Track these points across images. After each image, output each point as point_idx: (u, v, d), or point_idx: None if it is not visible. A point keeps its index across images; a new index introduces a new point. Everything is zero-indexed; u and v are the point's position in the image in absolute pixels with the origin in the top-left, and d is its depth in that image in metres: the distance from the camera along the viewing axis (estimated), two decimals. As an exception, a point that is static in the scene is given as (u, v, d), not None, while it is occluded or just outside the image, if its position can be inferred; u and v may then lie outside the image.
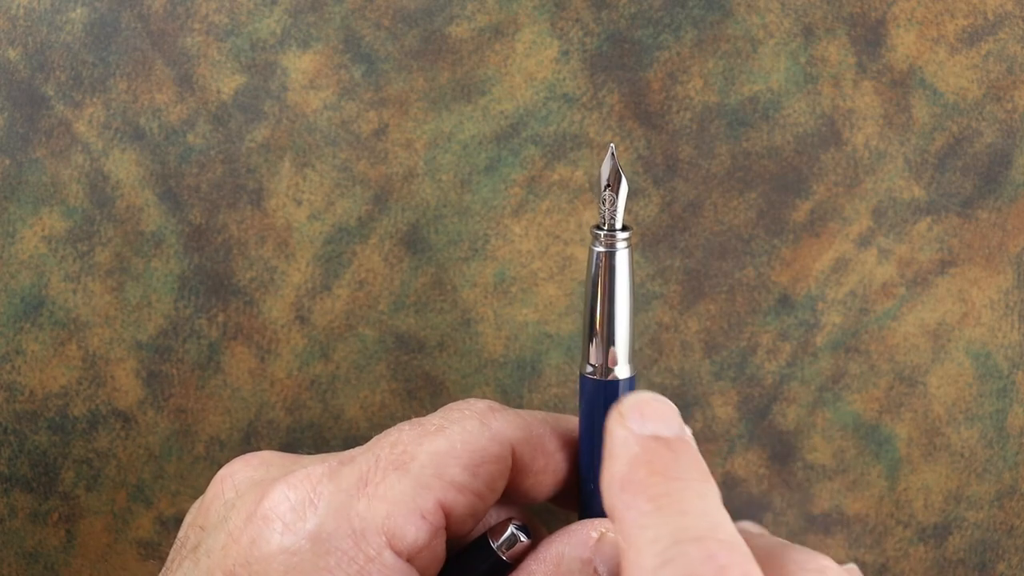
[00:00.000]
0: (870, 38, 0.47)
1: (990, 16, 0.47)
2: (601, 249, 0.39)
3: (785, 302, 0.47)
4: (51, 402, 0.47)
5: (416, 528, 0.37)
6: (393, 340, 0.47)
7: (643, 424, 0.36)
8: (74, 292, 0.47)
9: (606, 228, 0.39)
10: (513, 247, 0.47)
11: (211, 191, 0.47)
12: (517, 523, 0.40)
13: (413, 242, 0.47)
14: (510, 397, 0.47)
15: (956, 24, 0.47)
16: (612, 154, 0.39)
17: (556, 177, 0.47)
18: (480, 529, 0.41)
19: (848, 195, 0.47)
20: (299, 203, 0.47)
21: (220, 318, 0.47)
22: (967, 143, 0.47)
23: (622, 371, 0.40)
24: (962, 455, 0.48)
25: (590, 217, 0.47)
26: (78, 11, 0.46)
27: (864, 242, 0.47)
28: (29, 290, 0.47)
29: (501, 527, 0.40)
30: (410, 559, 0.37)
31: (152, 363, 0.47)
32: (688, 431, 0.36)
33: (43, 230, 0.47)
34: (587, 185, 0.47)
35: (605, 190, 0.39)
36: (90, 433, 0.47)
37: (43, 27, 0.46)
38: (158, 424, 0.47)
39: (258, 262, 0.47)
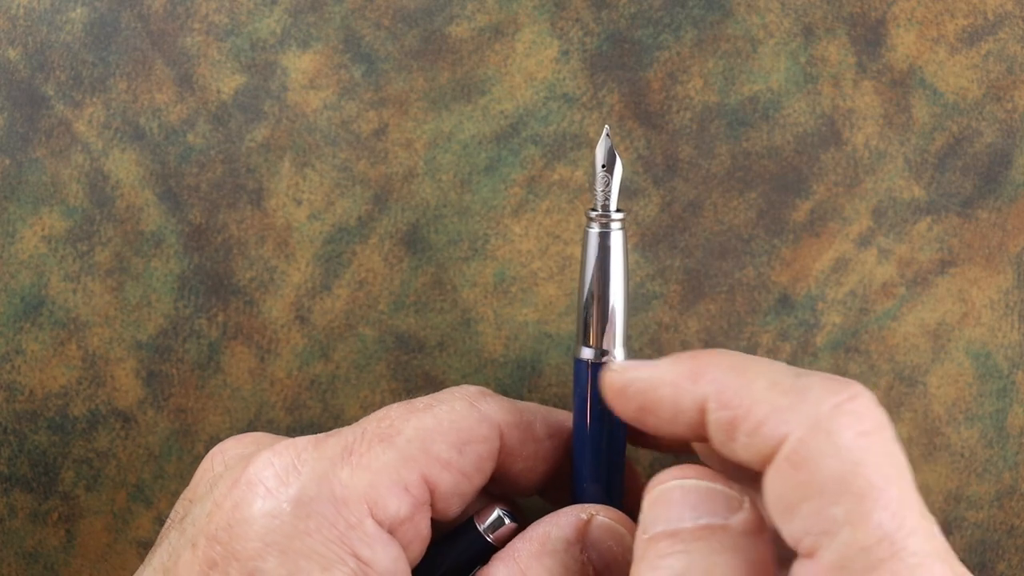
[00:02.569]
0: (870, 38, 0.47)
1: (990, 16, 0.47)
2: (596, 231, 0.39)
3: (785, 302, 0.47)
4: (51, 402, 0.47)
5: (399, 500, 0.37)
6: (393, 340, 0.47)
7: (647, 364, 0.38)
8: (74, 292, 0.47)
9: (601, 209, 0.39)
10: (513, 247, 0.47)
11: (211, 191, 0.47)
12: (504, 508, 0.40)
13: (413, 242, 0.47)
14: (510, 397, 0.47)
15: (956, 24, 0.47)
16: (607, 135, 0.40)
17: (556, 177, 0.47)
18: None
19: (848, 195, 0.47)
20: (299, 203, 0.47)
21: (220, 318, 0.47)
22: (967, 143, 0.47)
23: (618, 354, 0.40)
24: (962, 455, 0.48)
25: (590, 217, 0.47)
26: (78, 11, 0.46)
27: (864, 242, 0.47)
28: (29, 290, 0.47)
29: (487, 510, 0.40)
30: (392, 531, 0.37)
31: (152, 363, 0.47)
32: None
33: (43, 230, 0.47)
34: (587, 185, 0.47)
35: (601, 171, 0.39)
36: (90, 433, 0.47)
37: (43, 27, 0.46)
38: (158, 424, 0.47)
39: (258, 262, 0.47)
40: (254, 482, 0.37)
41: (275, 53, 0.46)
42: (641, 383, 0.37)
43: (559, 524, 0.38)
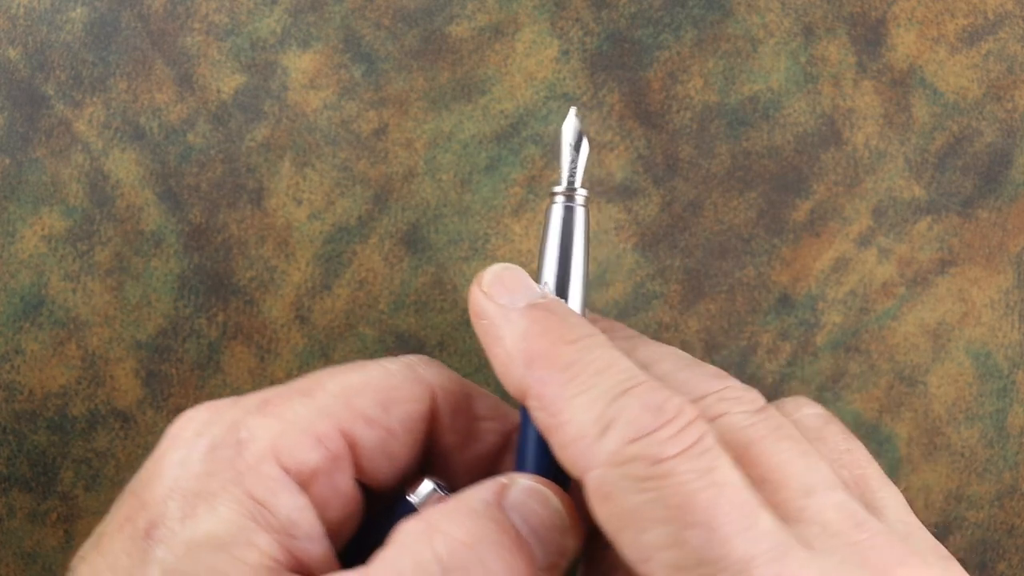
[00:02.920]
0: (870, 38, 0.47)
1: (990, 15, 0.47)
2: (561, 206, 0.39)
3: (785, 302, 0.47)
4: (50, 402, 0.47)
5: (307, 449, 0.36)
6: (393, 340, 0.47)
7: (513, 297, 0.36)
8: (74, 292, 0.47)
9: (567, 185, 0.39)
10: (513, 247, 0.47)
11: (211, 191, 0.47)
12: (437, 480, 0.38)
13: (413, 242, 0.47)
14: (510, 397, 0.47)
15: (956, 24, 0.47)
16: (575, 114, 0.39)
17: (556, 177, 0.47)
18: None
19: (848, 195, 0.47)
20: (299, 203, 0.47)
21: (220, 318, 0.47)
22: (967, 143, 0.47)
23: None
24: (962, 455, 0.48)
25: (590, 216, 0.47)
26: (78, 11, 0.46)
27: (864, 242, 0.47)
28: (29, 290, 0.47)
29: (419, 482, 0.38)
30: (305, 483, 0.36)
31: (152, 363, 0.47)
32: (546, 290, 0.37)
33: (43, 229, 0.47)
34: (587, 184, 0.47)
35: (568, 148, 0.39)
36: (89, 433, 0.47)
37: (43, 27, 0.46)
38: (157, 424, 0.47)
39: (258, 262, 0.47)
40: (174, 436, 0.37)
41: (275, 53, 0.46)
42: (488, 326, 0.36)
43: (479, 487, 0.36)
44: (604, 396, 0.34)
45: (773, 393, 0.47)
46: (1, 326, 0.47)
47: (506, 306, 0.36)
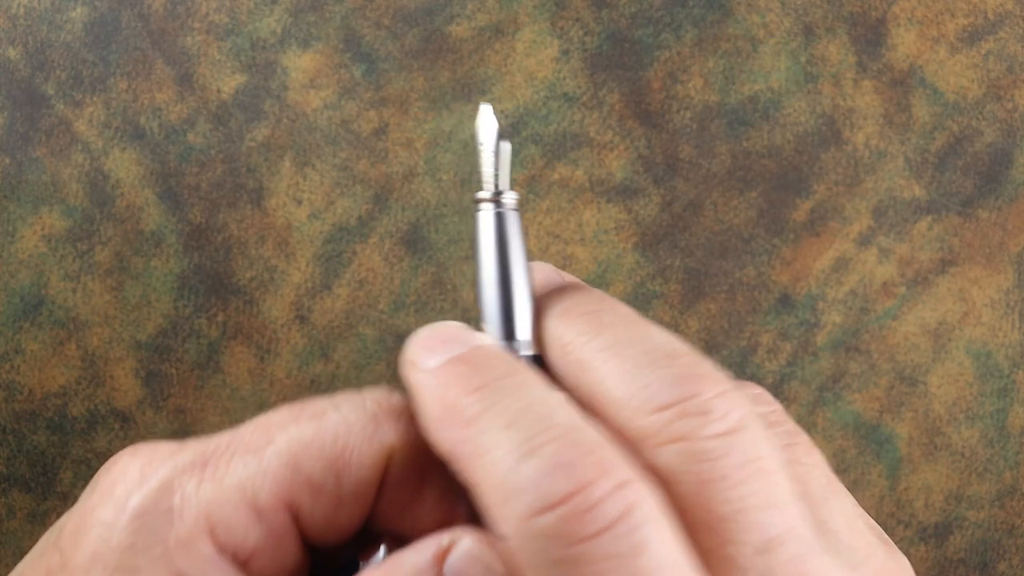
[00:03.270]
0: (870, 37, 0.47)
1: (990, 15, 0.47)
2: (492, 212, 0.33)
3: (785, 301, 0.47)
4: (50, 402, 0.47)
5: (247, 525, 0.32)
6: (393, 339, 0.47)
7: (433, 357, 0.32)
8: (73, 291, 0.47)
9: (495, 191, 0.35)
10: (513, 247, 0.47)
11: (211, 190, 0.47)
12: (393, 541, 0.35)
13: (413, 241, 0.47)
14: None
15: (956, 23, 0.47)
16: (490, 112, 0.35)
17: (556, 176, 0.47)
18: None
19: (848, 194, 0.47)
20: (299, 202, 0.47)
21: (220, 318, 0.47)
22: (967, 142, 0.47)
23: (526, 347, 0.34)
24: (963, 455, 0.48)
25: (590, 216, 0.47)
26: (78, 10, 0.46)
27: (864, 241, 0.47)
28: (29, 289, 0.47)
29: (373, 548, 0.35)
30: (243, 562, 0.33)
31: (151, 363, 0.47)
32: (483, 337, 0.33)
33: (43, 229, 0.46)
34: (587, 184, 0.47)
35: (489, 151, 0.35)
36: (89, 433, 0.47)
37: (43, 26, 0.46)
38: (157, 424, 0.47)
39: (258, 262, 0.47)
40: (105, 489, 0.33)
41: (275, 53, 0.46)
42: (412, 397, 0.33)
43: (416, 548, 0.32)
44: (509, 456, 0.30)
45: (773, 393, 0.47)
46: (1, 326, 0.47)
47: (423, 370, 0.32)
